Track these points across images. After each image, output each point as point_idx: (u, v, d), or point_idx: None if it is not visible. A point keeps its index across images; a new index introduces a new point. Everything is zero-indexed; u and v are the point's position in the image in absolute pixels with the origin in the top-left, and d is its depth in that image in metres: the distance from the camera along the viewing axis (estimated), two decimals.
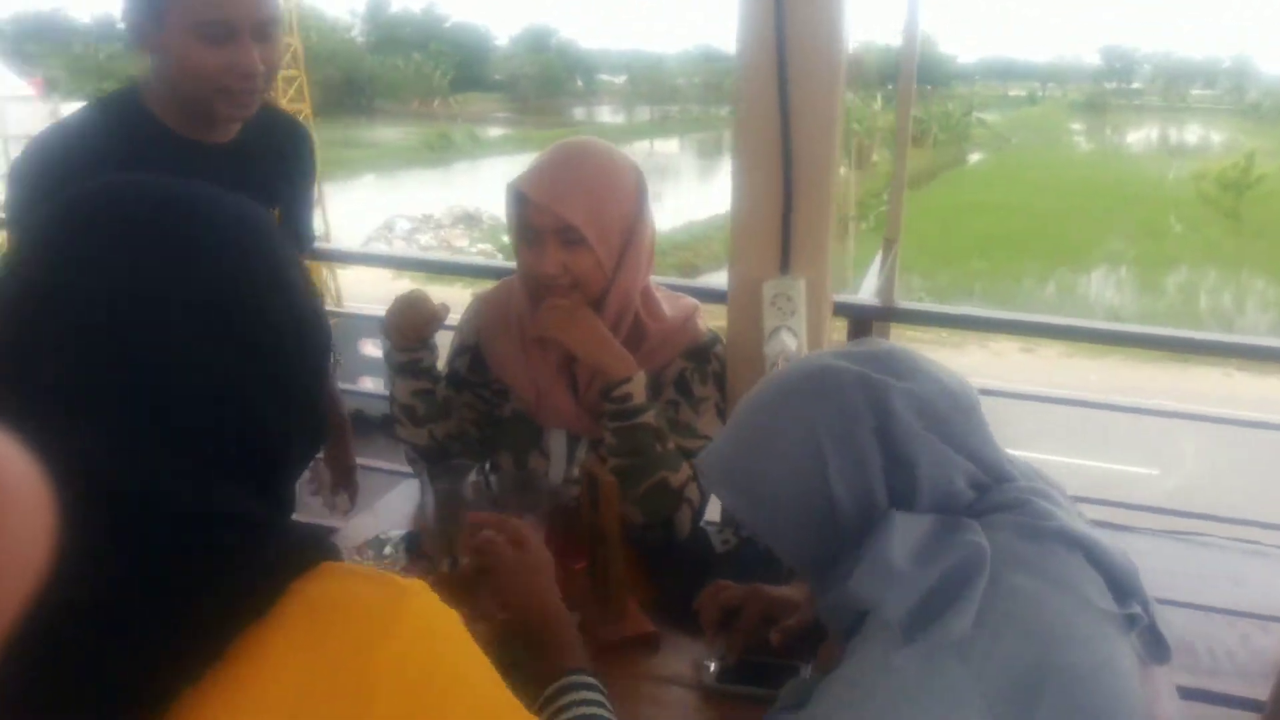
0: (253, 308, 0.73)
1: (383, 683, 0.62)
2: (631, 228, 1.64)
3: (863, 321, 2.60)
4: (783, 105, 1.55)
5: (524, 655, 1.15)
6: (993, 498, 1.04)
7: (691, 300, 1.78)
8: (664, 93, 65.16)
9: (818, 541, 1.06)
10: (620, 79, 68.54)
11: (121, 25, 1.54)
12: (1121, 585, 1.01)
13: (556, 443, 1.76)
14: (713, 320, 1.79)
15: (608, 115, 63.98)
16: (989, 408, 1.14)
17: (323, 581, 0.66)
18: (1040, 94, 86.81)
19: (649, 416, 1.59)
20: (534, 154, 1.69)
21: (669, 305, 1.75)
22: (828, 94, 1.56)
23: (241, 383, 0.71)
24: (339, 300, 15.27)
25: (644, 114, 65.64)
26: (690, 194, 40.63)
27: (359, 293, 14.57)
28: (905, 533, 1.00)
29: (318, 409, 0.83)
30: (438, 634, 0.68)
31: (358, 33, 75.02)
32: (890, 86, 59.11)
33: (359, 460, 2.18)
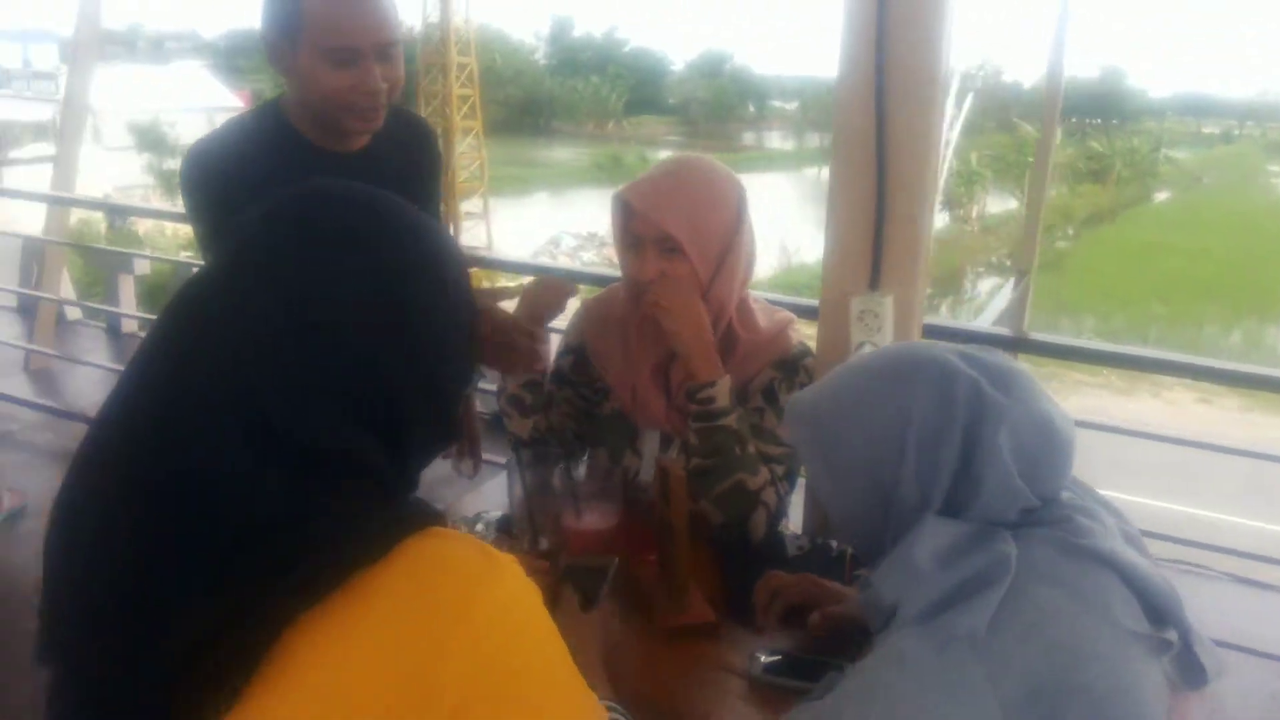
0: (416, 307, 0.86)
1: (469, 635, 0.74)
2: (730, 241, 1.71)
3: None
4: (879, 126, 1.60)
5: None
6: (1036, 514, 1.07)
7: (787, 314, 1.84)
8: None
9: (866, 519, 1.11)
10: (791, 105, 68.32)
11: (264, 48, 1.71)
12: (1158, 609, 1.02)
13: (650, 443, 1.84)
14: (811, 334, 1.85)
15: (777, 141, 63.88)
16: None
17: (431, 541, 0.78)
18: (1237, 132, 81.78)
19: (730, 420, 1.65)
20: None
21: (764, 317, 1.81)
22: (925, 116, 1.60)
23: (399, 375, 0.84)
24: None
25: (814, 140, 65.23)
26: None
27: None
28: (936, 536, 1.04)
29: (455, 406, 0.95)
30: (523, 603, 0.80)
31: (541, 55, 77.28)
32: (1074, 120, 57.05)
33: None
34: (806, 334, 1.81)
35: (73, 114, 5.36)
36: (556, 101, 64.75)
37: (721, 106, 70.42)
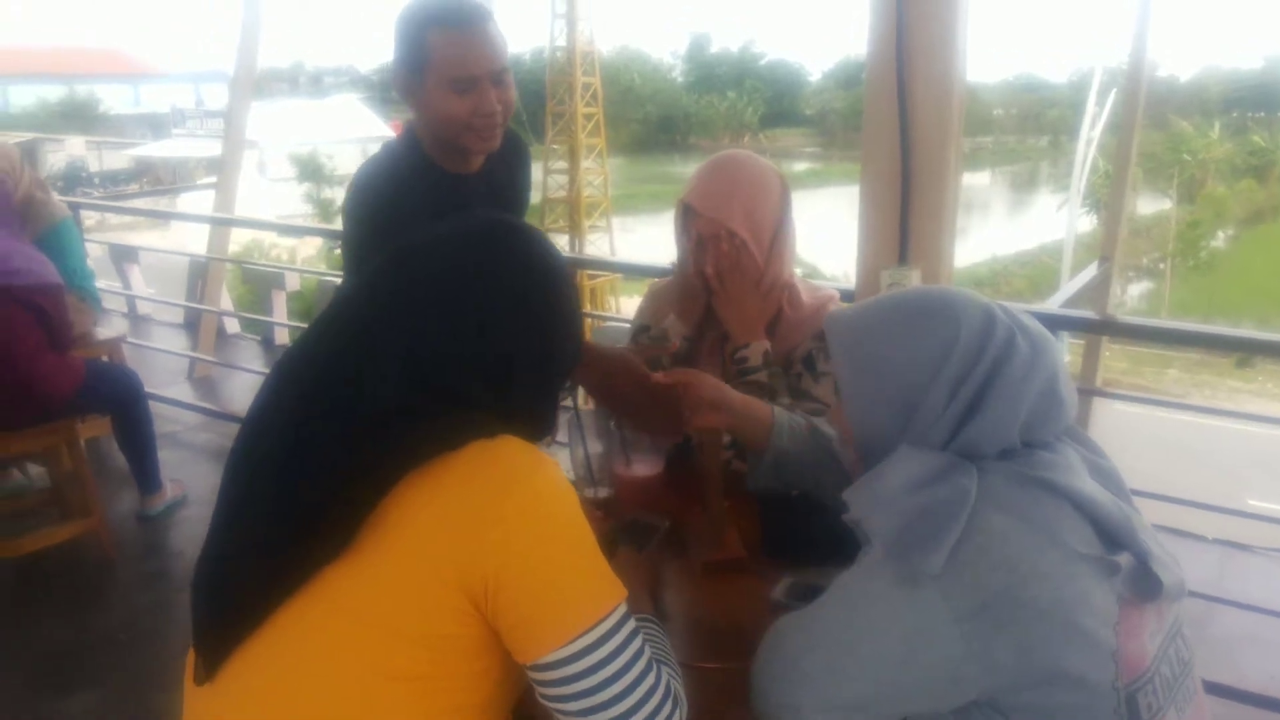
0: (536, 313, 1.19)
1: (507, 511, 1.05)
2: (779, 225, 1.93)
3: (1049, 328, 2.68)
4: (902, 117, 1.76)
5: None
6: (1007, 452, 1.19)
7: (830, 291, 2.02)
8: (977, 124, 62.90)
9: (884, 431, 1.23)
10: None
11: (395, 83, 1.98)
12: (1110, 533, 1.15)
13: None
14: None
15: None
16: None
17: (495, 442, 1.09)
18: None
19: (760, 375, 1.87)
20: (836, 188, 1.98)
21: (808, 296, 2.00)
22: (943, 105, 1.76)
23: (517, 356, 1.17)
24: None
25: None
26: (997, 228, 39.14)
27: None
28: (908, 464, 1.19)
29: (554, 389, 1.27)
30: (555, 493, 1.09)
31: (678, 73, 78.01)
32: (1235, 114, 54.09)
33: None
34: None
35: (232, 144, 5.91)
36: (693, 118, 65.24)
37: (858, 115, 68.54)
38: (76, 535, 3.33)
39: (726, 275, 1.90)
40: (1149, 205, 38.52)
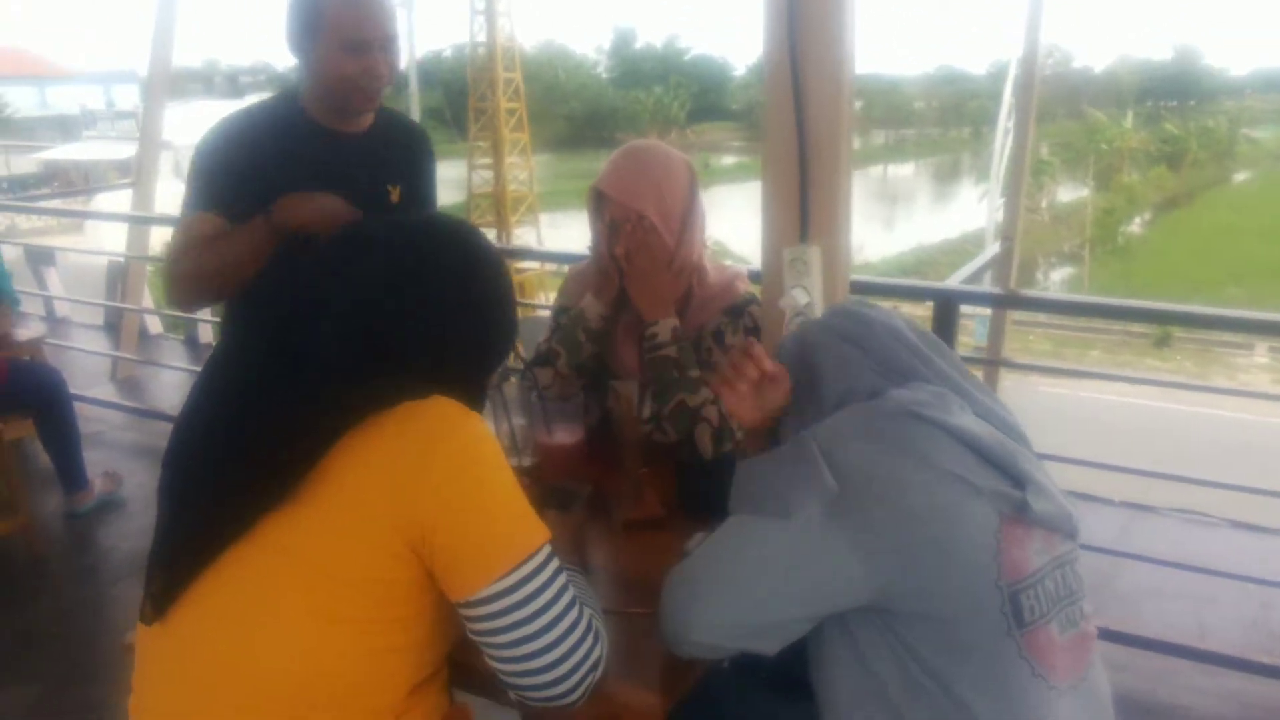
0: (470, 298, 1.30)
1: (438, 460, 1.15)
2: (688, 208, 2.05)
3: (948, 305, 2.84)
4: (797, 105, 1.88)
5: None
6: (891, 393, 1.35)
7: (737, 269, 2.14)
8: (900, 116, 64.05)
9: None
10: (857, 104, 67.83)
11: (287, 43, 2.06)
12: (988, 458, 1.28)
13: (631, 389, 2.14)
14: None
15: None
16: None
17: (425, 401, 1.19)
18: None
19: (669, 350, 1.98)
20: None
21: (716, 274, 2.11)
22: (834, 96, 1.87)
23: (454, 332, 1.28)
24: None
25: (879, 138, 64.71)
26: (922, 218, 39.84)
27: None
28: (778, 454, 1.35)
29: (485, 366, 1.36)
30: (481, 443, 1.19)
31: (603, 68, 77.92)
32: (1149, 104, 55.69)
33: None
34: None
35: (148, 143, 5.84)
36: (619, 113, 65.28)
37: None
38: (5, 534, 3.33)
39: (635, 256, 2.00)
40: (1068, 193, 39.51)
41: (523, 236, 29.60)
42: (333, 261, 1.28)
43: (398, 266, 1.25)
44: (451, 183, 33.82)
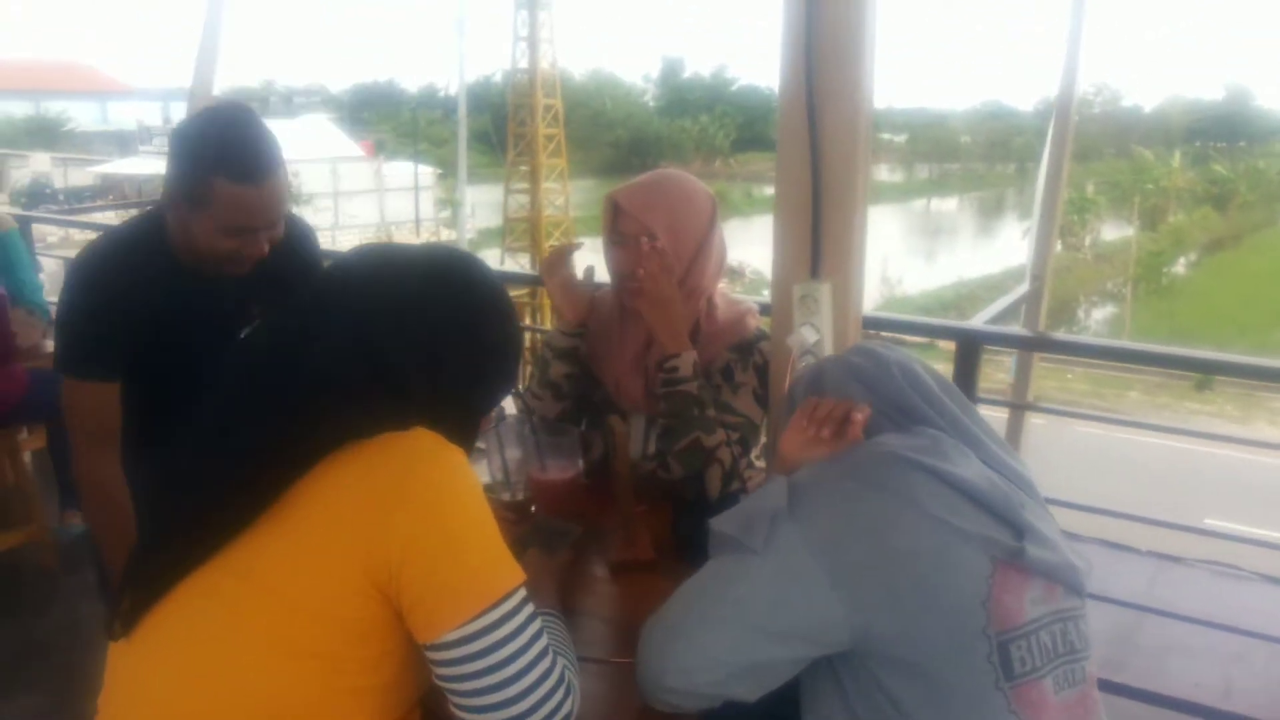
0: (472, 333, 1.28)
1: (411, 494, 1.11)
2: (702, 241, 2.01)
3: (970, 345, 2.77)
4: (812, 138, 1.84)
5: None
6: (901, 431, 1.34)
7: (749, 305, 2.09)
8: (945, 151, 63.64)
9: None
10: (900, 137, 67.64)
11: (163, 188, 1.90)
12: (987, 506, 1.24)
13: (636, 424, 2.11)
14: None
15: (884, 174, 63.28)
16: None
17: (405, 434, 1.16)
18: None
19: (690, 386, 1.91)
20: None
21: (726, 309, 2.06)
22: (850, 131, 1.83)
23: (452, 368, 1.25)
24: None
25: (923, 172, 64.40)
26: (964, 253, 39.56)
27: None
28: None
29: (483, 401, 1.34)
30: (458, 479, 1.16)
31: (650, 97, 78.33)
32: (1198, 144, 55.01)
33: None
34: None
35: None
36: (664, 141, 65.49)
37: None
38: (18, 544, 3.34)
39: (649, 285, 1.92)
40: (1113, 232, 39.08)
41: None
42: (333, 285, 1.26)
43: (400, 289, 1.23)
44: (493, 206, 34.11)
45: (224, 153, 1.82)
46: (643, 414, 2.09)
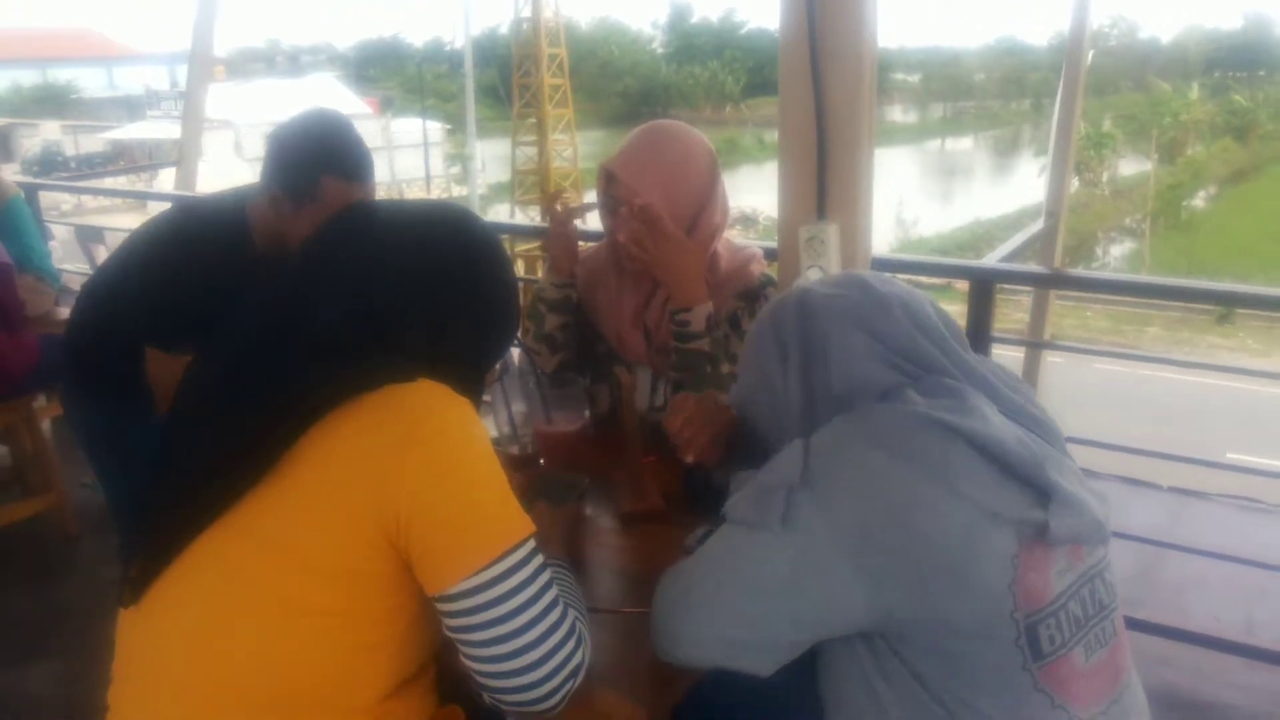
0: (472, 289, 1.27)
1: (420, 440, 1.10)
2: (702, 202, 1.94)
3: (984, 284, 2.73)
4: (815, 76, 1.79)
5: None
6: (919, 385, 1.23)
7: (752, 251, 2.04)
8: (960, 89, 62.82)
9: (772, 422, 1.33)
10: (914, 77, 66.69)
11: (261, 186, 2.01)
12: (1012, 469, 1.16)
13: (642, 376, 2.08)
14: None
15: (898, 114, 62.50)
16: None
17: (411, 384, 1.14)
18: None
19: (703, 343, 1.87)
20: None
21: (729, 257, 2.01)
22: (855, 66, 1.79)
23: (455, 319, 1.24)
24: None
25: (937, 111, 63.60)
26: (980, 192, 39.17)
27: None
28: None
29: (486, 357, 1.34)
30: (465, 426, 1.15)
31: (658, 44, 77.44)
32: (1217, 74, 54.07)
33: None
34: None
35: (191, 123, 5.88)
36: (673, 89, 64.83)
37: None
38: (39, 511, 3.36)
39: (648, 242, 1.87)
40: (1130, 167, 38.57)
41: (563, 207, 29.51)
42: (333, 241, 1.25)
43: (398, 247, 1.22)
44: (503, 160, 33.93)
45: (334, 153, 1.95)
46: (647, 366, 2.06)
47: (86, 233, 7.25)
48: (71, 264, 6.23)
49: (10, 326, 3.12)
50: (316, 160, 1.95)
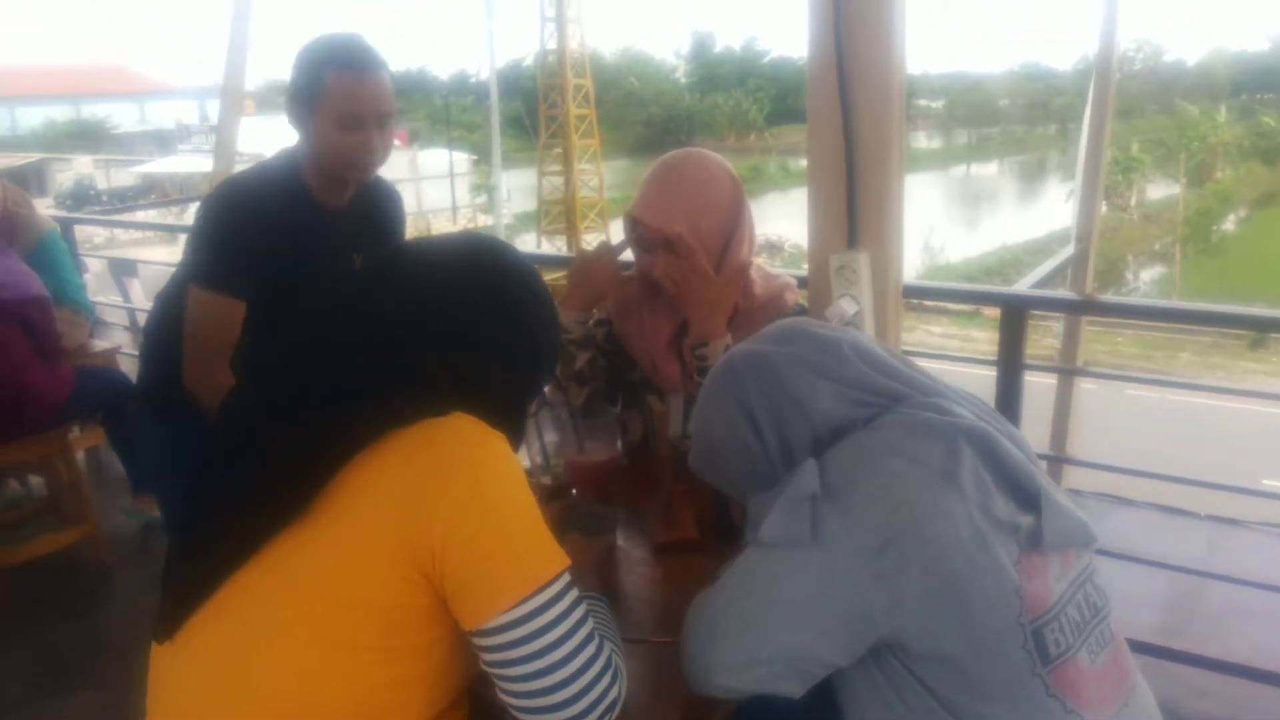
0: (511, 325, 1.27)
1: (453, 476, 1.10)
2: (730, 232, 1.94)
3: (1016, 311, 2.71)
4: (844, 105, 1.80)
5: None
6: (895, 410, 1.26)
7: (785, 280, 2.04)
8: (984, 114, 62.67)
9: (750, 475, 1.34)
10: (938, 103, 66.64)
11: (287, 113, 2.11)
12: (1011, 480, 1.20)
13: (675, 404, 2.08)
14: None
15: (922, 140, 62.41)
16: None
17: (445, 419, 1.14)
18: None
19: None
20: None
21: (763, 285, 2.02)
22: (883, 95, 1.80)
23: (489, 358, 1.24)
24: None
25: (962, 137, 63.49)
26: (1007, 218, 39.01)
27: None
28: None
29: (523, 393, 1.34)
30: (500, 462, 1.15)
31: (681, 73, 77.85)
32: (1244, 97, 53.69)
33: None
34: None
35: (223, 156, 5.96)
36: (697, 118, 65.08)
37: None
38: (73, 542, 3.39)
39: (678, 277, 1.89)
40: (1159, 191, 38.33)
41: (592, 243, 29.65)
42: (362, 278, 1.26)
43: (428, 289, 1.22)
44: (528, 190, 34.13)
45: (333, 51, 2.04)
46: (681, 393, 2.06)
47: (120, 265, 7.35)
48: (104, 296, 6.31)
49: (47, 358, 3.17)
50: (318, 60, 2.04)
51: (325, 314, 1.25)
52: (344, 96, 2.02)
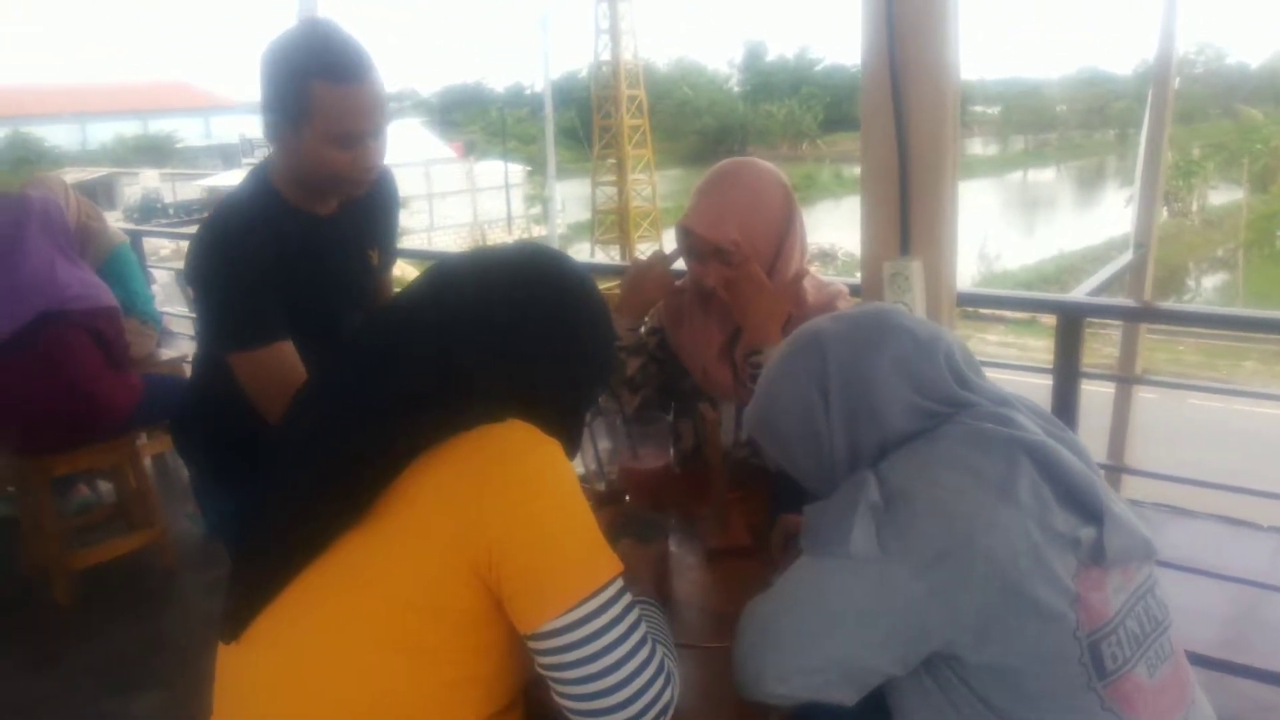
0: (567, 335, 1.28)
1: (503, 483, 1.13)
2: (781, 239, 1.96)
3: (1073, 318, 2.68)
4: (897, 110, 1.80)
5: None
6: (956, 419, 1.26)
7: (838, 288, 2.04)
8: (1041, 120, 61.84)
9: (816, 465, 1.34)
10: (994, 109, 65.84)
11: (261, 122, 1.83)
12: (1073, 493, 1.20)
13: (726, 412, 2.09)
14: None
15: (978, 147, 61.70)
16: None
17: (502, 425, 1.17)
18: None
19: None
20: None
21: (815, 293, 2.02)
22: (938, 100, 1.80)
23: (546, 365, 1.26)
24: None
25: (1018, 144, 62.67)
26: (1064, 224, 38.43)
27: None
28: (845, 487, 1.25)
29: (580, 402, 1.37)
30: (553, 469, 1.17)
31: (734, 83, 77.79)
32: None
33: None
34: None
35: None
36: (750, 127, 64.98)
37: None
38: (141, 546, 3.49)
39: (733, 284, 1.91)
40: (1221, 196, 37.51)
41: (646, 253, 29.69)
42: (423, 290, 1.28)
43: (487, 299, 1.24)
44: (582, 200, 34.31)
45: (318, 57, 1.73)
46: (733, 401, 2.07)
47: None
48: (171, 307, 6.46)
49: (118, 367, 3.26)
50: (301, 69, 1.74)
51: (387, 325, 1.28)
52: (339, 113, 1.75)
